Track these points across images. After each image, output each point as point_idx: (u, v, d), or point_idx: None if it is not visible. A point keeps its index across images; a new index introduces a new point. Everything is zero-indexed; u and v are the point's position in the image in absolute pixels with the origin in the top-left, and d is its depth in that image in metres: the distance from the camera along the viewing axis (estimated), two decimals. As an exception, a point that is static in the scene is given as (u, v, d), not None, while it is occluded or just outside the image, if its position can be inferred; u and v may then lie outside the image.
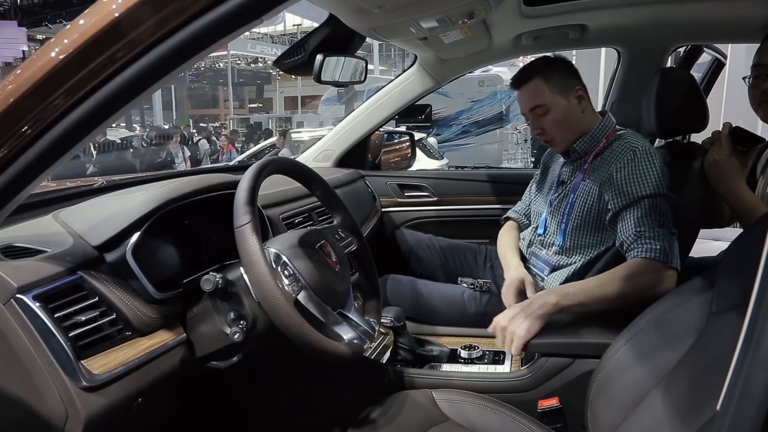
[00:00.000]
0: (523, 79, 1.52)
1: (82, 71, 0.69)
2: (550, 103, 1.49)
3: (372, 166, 2.43)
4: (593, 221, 1.46)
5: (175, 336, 0.99)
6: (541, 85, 1.49)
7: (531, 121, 1.54)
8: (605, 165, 1.44)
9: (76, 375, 0.80)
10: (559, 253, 1.51)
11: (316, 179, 1.20)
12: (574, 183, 1.52)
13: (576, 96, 1.51)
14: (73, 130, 0.71)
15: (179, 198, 1.06)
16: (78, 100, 0.70)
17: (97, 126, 0.73)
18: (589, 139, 1.52)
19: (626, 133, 1.49)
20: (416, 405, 1.16)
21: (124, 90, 0.70)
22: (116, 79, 0.69)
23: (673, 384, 0.92)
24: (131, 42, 0.68)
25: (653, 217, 1.30)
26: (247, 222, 0.91)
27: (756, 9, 1.56)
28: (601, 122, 1.52)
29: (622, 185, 1.36)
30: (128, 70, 0.69)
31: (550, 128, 1.51)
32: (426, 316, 1.63)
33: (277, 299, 0.87)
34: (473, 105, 10.92)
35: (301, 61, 1.34)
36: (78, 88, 0.69)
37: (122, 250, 0.95)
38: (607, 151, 1.47)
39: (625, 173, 1.37)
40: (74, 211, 1.05)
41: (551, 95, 1.49)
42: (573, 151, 1.55)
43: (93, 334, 0.85)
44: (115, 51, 0.68)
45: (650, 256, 1.26)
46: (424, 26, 1.32)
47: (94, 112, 0.70)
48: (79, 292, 0.88)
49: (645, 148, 1.39)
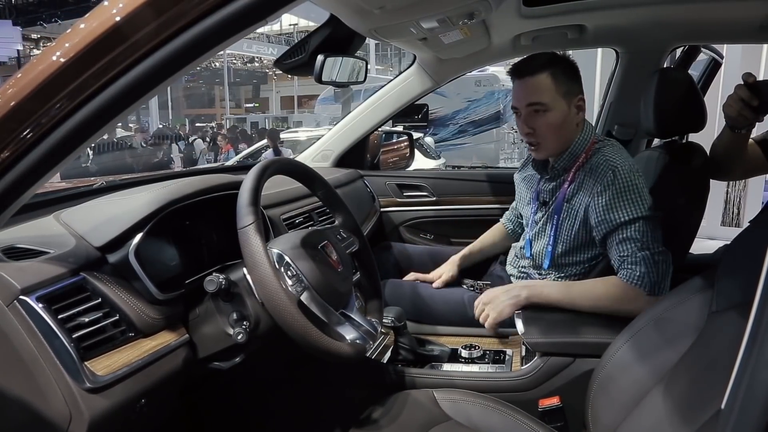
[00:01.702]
0: (529, 70, 1.40)
1: (84, 75, 0.69)
2: (552, 104, 1.39)
3: (371, 166, 2.43)
4: (581, 243, 1.44)
5: (178, 337, 0.99)
6: (548, 82, 1.39)
7: (523, 117, 1.43)
8: (586, 186, 1.39)
9: (80, 376, 0.80)
10: (549, 271, 1.51)
11: (318, 180, 1.20)
12: (556, 204, 1.46)
13: (576, 105, 1.44)
14: (75, 133, 0.71)
15: (182, 199, 1.06)
16: (80, 104, 0.70)
17: (98, 129, 0.73)
18: (568, 156, 1.45)
19: (604, 147, 1.42)
20: (418, 404, 1.16)
21: (126, 93, 0.70)
22: (118, 82, 0.69)
23: (673, 383, 0.93)
24: (133, 45, 0.68)
25: (636, 241, 1.28)
26: (250, 223, 0.91)
27: (753, 9, 1.57)
28: (581, 135, 1.45)
29: (604, 212, 1.32)
30: (130, 73, 0.69)
31: (542, 130, 1.42)
32: (426, 318, 1.62)
33: (281, 300, 0.87)
34: (470, 105, 10.94)
35: (301, 61, 1.34)
36: (80, 91, 0.69)
37: (125, 251, 0.95)
38: (587, 167, 1.41)
39: (606, 198, 1.32)
40: (76, 212, 1.05)
41: (555, 96, 1.39)
42: (552, 169, 1.50)
43: (96, 335, 0.85)
44: (116, 54, 0.68)
45: (630, 283, 1.27)
46: (424, 27, 1.32)
47: (96, 115, 0.70)
48: (82, 294, 0.87)
49: (625, 168, 1.33)
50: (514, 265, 1.66)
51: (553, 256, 1.47)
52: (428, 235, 2.34)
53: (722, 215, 5.01)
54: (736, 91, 1.24)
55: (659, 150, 1.54)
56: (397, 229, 2.34)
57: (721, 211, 4.98)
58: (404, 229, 2.34)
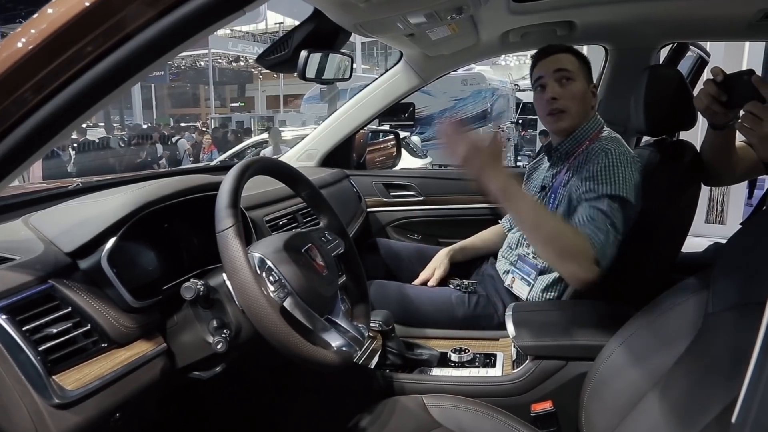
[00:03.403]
0: (555, 50, 1.50)
1: (52, 64, 0.64)
2: (577, 75, 1.47)
3: (357, 165, 2.39)
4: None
5: (155, 346, 0.94)
6: (573, 59, 1.48)
7: (549, 87, 1.47)
8: (581, 168, 1.41)
9: (47, 392, 0.75)
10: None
11: (302, 180, 1.16)
12: (554, 187, 1.50)
13: (591, 90, 1.51)
14: (43, 127, 0.66)
15: (158, 201, 1.01)
16: (48, 96, 0.65)
17: (68, 124, 0.68)
18: (572, 140, 1.50)
19: (607, 137, 1.47)
20: (407, 411, 1.13)
21: (98, 85, 0.65)
22: (89, 73, 0.65)
23: (670, 386, 0.91)
24: (104, 33, 0.63)
25: (607, 215, 1.29)
26: (229, 226, 0.87)
27: (743, 7, 1.56)
28: (588, 123, 1.50)
29: (588, 182, 1.34)
30: (101, 63, 0.64)
31: (567, 97, 1.46)
32: (414, 320, 1.59)
33: (262, 307, 0.83)
34: (456, 103, 10.95)
35: (284, 57, 1.29)
36: (48, 82, 0.65)
37: (97, 256, 0.90)
38: (585, 153, 1.44)
39: (594, 171, 1.34)
40: (45, 216, 1.00)
41: (579, 71, 1.47)
42: (555, 151, 1.53)
43: (66, 347, 0.80)
44: (86, 43, 0.63)
45: (591, 242, 1.25)
46: (411, 21, 1.28)
47: (66, 108, 0.65)
48: (50, 303, 0.82)
49: (618, 152, 1.36)
50: (505, 255, 1.64)
51: None
52: (416, 236, 2.31)
53: (706, 212, 5.11)
54: (704, 86, 1.23)
55: (650, 148, 1.52)
56: (384, 230, 2.31)
57: (705, 208, 5.08)
58: (391, 230, 2.31)
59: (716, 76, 1.19)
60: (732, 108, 1.22)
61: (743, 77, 1.15)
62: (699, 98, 1.25)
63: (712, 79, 1.20)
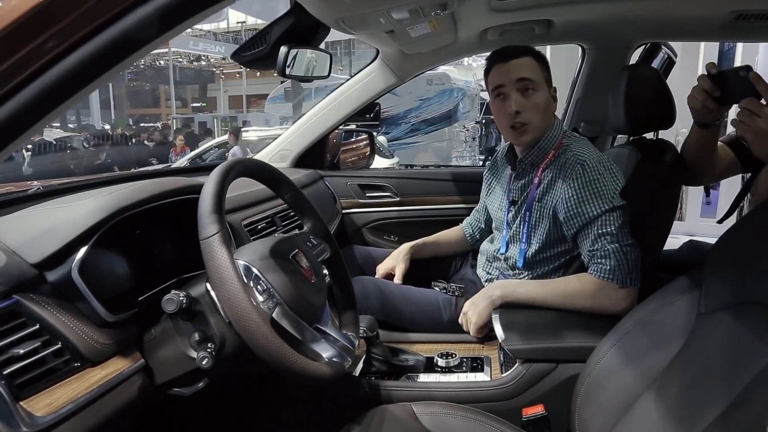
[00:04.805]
0: (513, 54, 1.41)
1: (3, 65, 0.57)
2: (538, 84, 1.40)
3: (330, 166, 2.34)
4: (553, 240, 1.42)
5: (132, 363, 0.87)
6: (534, 65, 1.41)
7: (512, 98, 1.39)
8: (557, 184, 1.38)
9: (14, 420, 0.68)
10: (522, 270, 1.48)
11: (285, 182, 1.11)
12: (527, 203, 1.45)
13: (552, 95, 1.46)
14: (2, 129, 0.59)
15: (132, 206, 0.93)
16: (5, 94, 0.58)
17: (25, 131, 0.61)
18: (537, 150, 1.45)
19: (573, 143, 1.42)
20: (396, 420, 1.09)
21: (57, 88, 0.59)
22: (46, 74, 0.58)
23: (665, 388, 0.90)
24: (67, 28, 0.57)
25: (605, 235, 1.28)
26: (215, 233, 0.81)
27: (717, 8, 1.59)
28: (551, 131, 1.44)
29: (575, 206, 1.32)
30: (61, 63, 0.58)
31: (531, 109, 1.39)
32: (396, 321, 1.55)
33: (253, 320, 0.77)
34: (422, 103, 11.00)
35: (262, 53, 1.23)
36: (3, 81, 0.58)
37: (67, 267, 0.82)
38: (557, 164, 1.40)
39: (575, 191, 1.32)
40: (6, 223, 0.91)
41: (540, 78, 1.41)
42: (520, 163, 1.48)
43: (34, 368, 0.73)
44: (44, 40, 0.57)
45: (601, 277, 1.27)
46: (395, 17, 1.24)
47: (20, 113, 0.59)
48: (15, 320, 0.75)
49: (593, 161, 1.33)
50: (486, 269, 1.63)
51: (527, 255, 1.45)
52: (393, 237, 2.27)
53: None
54: (698, 82, 1.23)
55: (629, 147, 1.52)
56: (360, 231, 2.26)
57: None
58: (367, 231, 2.27)
59: (710, 71, 1.20)
60: (726, 104, 1.23)
61: (739, 73, 1.15)
62: (693, 96, 1.25)
63: (706, 74, 1.20)
